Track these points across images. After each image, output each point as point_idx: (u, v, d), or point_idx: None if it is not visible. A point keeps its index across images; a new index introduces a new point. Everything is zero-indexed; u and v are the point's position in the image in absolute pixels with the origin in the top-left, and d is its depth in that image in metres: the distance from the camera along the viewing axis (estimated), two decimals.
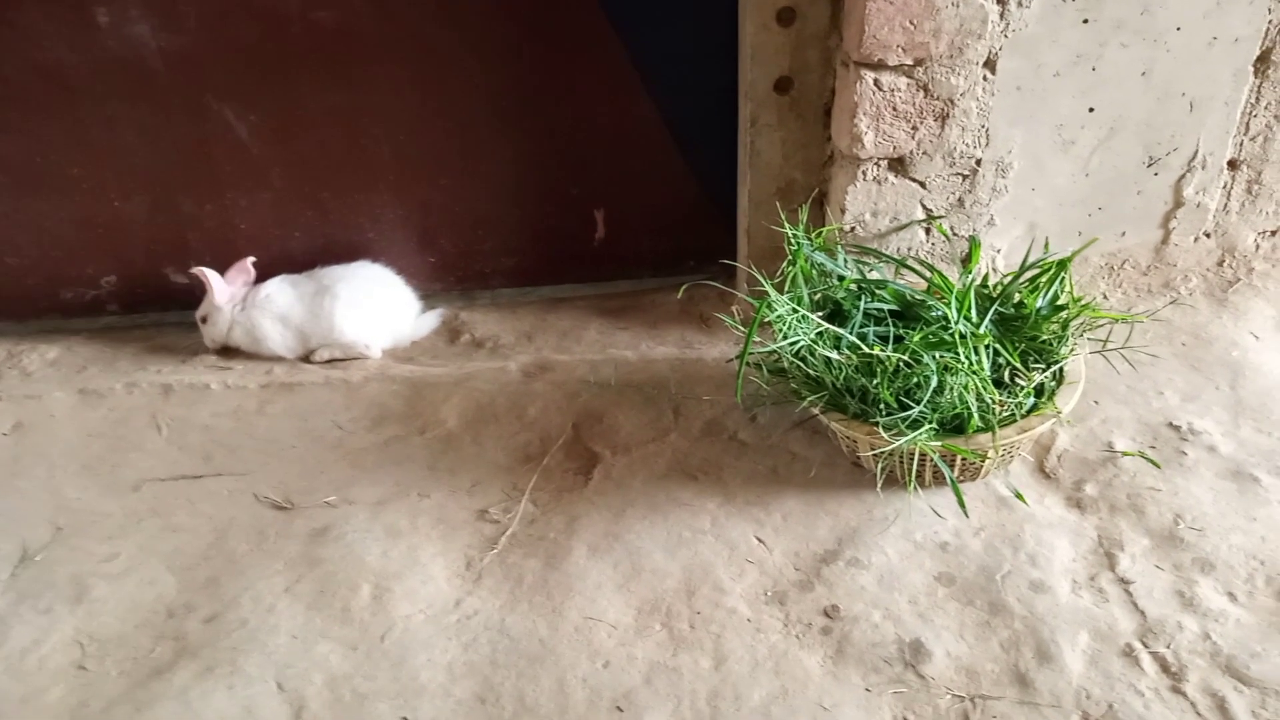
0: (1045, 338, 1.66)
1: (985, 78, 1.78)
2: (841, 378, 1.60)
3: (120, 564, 1.60)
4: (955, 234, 1.96)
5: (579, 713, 1.32)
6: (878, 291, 1.72)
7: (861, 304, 1.68)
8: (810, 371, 1.63)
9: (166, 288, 2.24)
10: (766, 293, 1.63)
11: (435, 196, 2.17)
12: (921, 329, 1.61)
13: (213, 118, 2.02)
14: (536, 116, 2.08)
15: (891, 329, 1.65)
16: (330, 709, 1.34)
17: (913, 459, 1.58)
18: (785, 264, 1.74)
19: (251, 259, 2.10)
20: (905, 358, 1.54)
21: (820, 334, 1.61)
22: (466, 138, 2.10)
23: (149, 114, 2.01)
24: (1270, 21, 1.84)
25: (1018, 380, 1.60)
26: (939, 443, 1.53)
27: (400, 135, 2.08)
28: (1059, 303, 1.69)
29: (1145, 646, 1.37)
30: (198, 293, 2.14)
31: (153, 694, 1.37)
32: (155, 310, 2.28)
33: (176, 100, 1.99)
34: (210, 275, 2.06)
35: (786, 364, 1.66)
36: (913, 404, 1.53)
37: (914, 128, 1.81)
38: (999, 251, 2.01)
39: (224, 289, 2.07)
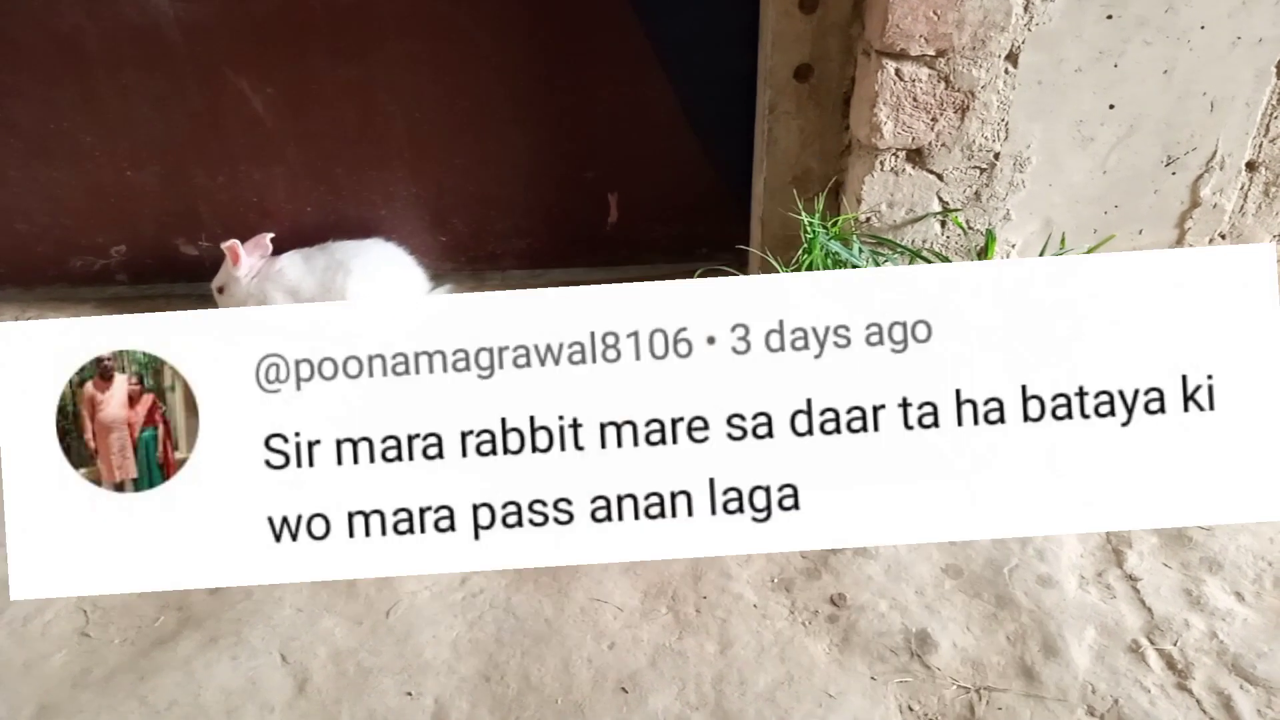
0: None
1: (1007, 71, 1.77)
2: None
3: None
4: (971, 228, 1.95)
5: (584, 693, 1.32)
6: None
7: None
8: None
9: (176, 259, 2.24)
10: None
11: (449, 176, 2.16)
12: None
13: (228, 89, 2.01)
14: (552, 98, 2.07)
15: None
16: (334, 682, 1.34)
17: None
18: (800, 252, 1.74)
19: (270, 235, 2.09)
20: None
21: None
22: (481, 117, 2.09)
23: (164, 84, 2.00)
24: None
25: None
26: None
27: (415, 113, 2.07)
28: None
29: (1152, 643, 1.36)
30: (208, 264, 2.13)
31: (156, 663, 1.37)
32: (164, 281, 2.28)
33: (192, 71, 1.99)
34: (239, 246, 2.04)
35: None
36: None
37: (934, 119, 1.80)
38: (1014, 247, 2.00)
39: (246, 261, 2.06)
